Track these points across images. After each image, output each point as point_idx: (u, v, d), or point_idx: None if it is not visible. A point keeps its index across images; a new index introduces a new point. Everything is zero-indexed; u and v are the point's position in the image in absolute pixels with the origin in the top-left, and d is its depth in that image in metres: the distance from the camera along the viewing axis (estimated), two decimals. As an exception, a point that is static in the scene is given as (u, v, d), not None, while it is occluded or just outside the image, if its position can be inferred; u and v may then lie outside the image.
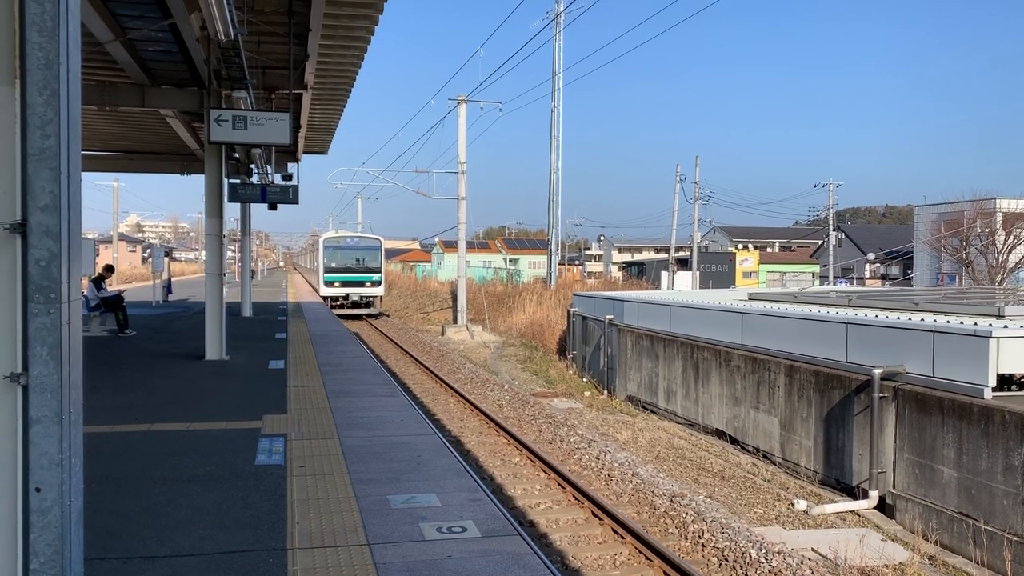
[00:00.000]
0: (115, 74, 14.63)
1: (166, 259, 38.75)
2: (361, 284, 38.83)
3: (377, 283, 39.50)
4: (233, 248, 62.47)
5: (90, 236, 48.03)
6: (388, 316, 42.72)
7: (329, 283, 38.56)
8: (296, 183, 20.74)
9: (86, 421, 3.13)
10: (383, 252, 40.65)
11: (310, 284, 53.49)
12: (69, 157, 2.82)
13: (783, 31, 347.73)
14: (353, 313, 38.31)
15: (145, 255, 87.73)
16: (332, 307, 35.40)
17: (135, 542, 5.20)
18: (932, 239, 49.43)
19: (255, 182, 22.56)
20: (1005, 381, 10.67)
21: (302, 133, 21.80)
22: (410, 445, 7.95)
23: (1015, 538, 9.08)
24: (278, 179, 22.93)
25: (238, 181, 21.50)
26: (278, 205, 20.62)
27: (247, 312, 24.53)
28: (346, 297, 38.45)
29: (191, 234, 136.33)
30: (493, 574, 4.75)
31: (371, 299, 39.48)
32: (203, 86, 13.91)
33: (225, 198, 15.69)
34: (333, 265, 38.78)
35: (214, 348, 14.20)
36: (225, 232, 16.05)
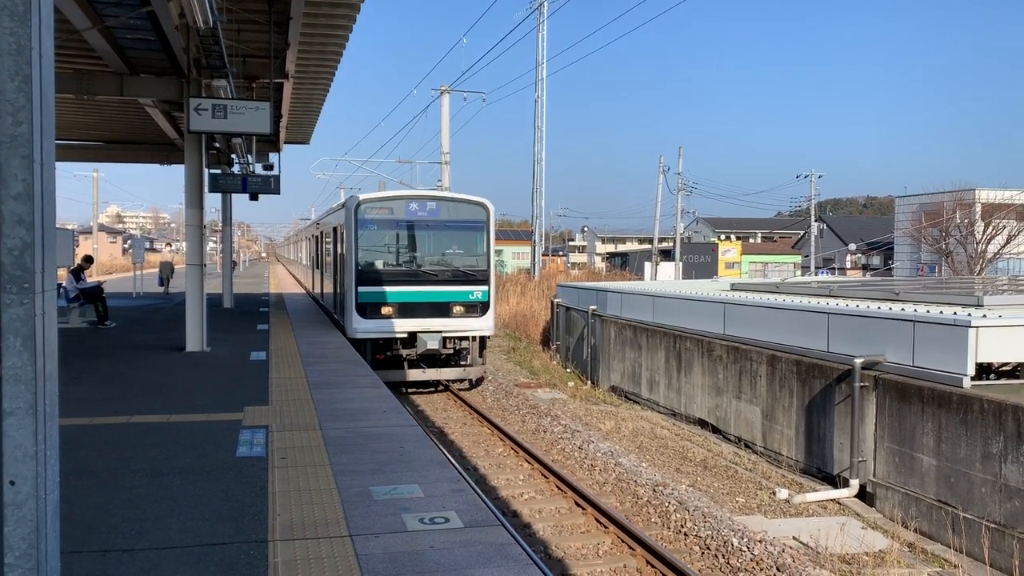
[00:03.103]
0: (93, 62, 14.44)
1: (166, 249, 37.31)
2: (445, 310, 17.06)
3: (480, 306, 17.33)
4: (214, 239, 62.10)
5: (70, 227, 47.50)
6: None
7: (368, 307, 16.78)
8: (278, 173, 20.61)
9: (64, 414, 3.10)
10: (491, 235, 17.80)
11: (316, 301, 27.06)
12: (43, 145, 2.76)
13: (766, 26, 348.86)
14: (426, 379, 17.41)
15: (126, 246, 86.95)
16: (376, 363, 16.33)
17: (114, 535, 5.15)
18: (912, 230, 49.89)
19: (236, 172, 22.40)
20: (984, 370, 10.78)
21: (283, 122, 21.66)
22: (393, 436, 7.93)
23: (993, 525, 9.18)
24: (259, 169, 22.74)
25: (219, 171, 21.32)
26: (260, 195, 20.50)
27: (228, 303, 24.37)
28: (411, 341, 16.90)
29: (172, 225, 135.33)
30: (476, 565, 4.74)
31: (466, 345, 17.63)
32: (183, 75, 13.76)
33: (206, 188, 15.57)
34: (378, 266, 17.14)
35: (195, 340, 14.10)
36: (206, 223, 15.92)
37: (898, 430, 10.75)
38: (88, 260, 20.66)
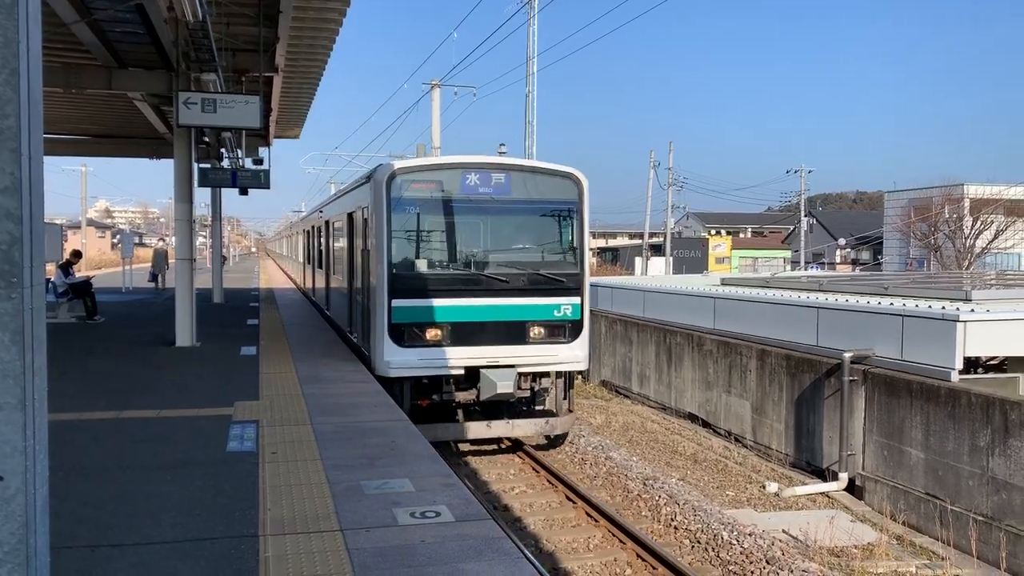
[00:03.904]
0: (81, 56, 14.35)
1: (160, 243, 36.32)
2: (520, 333, 11.65)
3: (570, 327, 11.87)
4: (204, 234, 61.84)
5: (58, 221, 47.13)
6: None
7: (407, 329, 11.38)
8: (267, 168, 20.53)
9: (53, 409, 3.08)
10: (586, 222, 12.21)
11: (320, 311, 20.72)
12: (30, 138, 2.75)
13: (757, 22, 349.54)
14: (493, 436, 11.98)
15: (114, 241, 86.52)
16: (418, 411, 11.24)
17: (103, 530, 5.13)
18: (901, 224, 50.10)
19: (226, 167, 22.30)
20: (971, 364, 10.86)
21: (273, 117, 21.57)
22: (384, 430, 7.92)
23: (980, 518, 9.25)
24: (249, 164, 22.66)
25: (208, 166, 21.24)
26: (249, 190, 20.43)
27: (218, 298, 24.28)
28: (469, 380, 11.54)
29: (161, 220, 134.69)
30: (467, 559, 4.75)
31: (547, 384, 12.10)
32: (172, 68, 13.69)
33: (195, 183, 15.50)
34: (421, 268, 11.74)
35: (185, 334, 14.05)
36: (195, 218, 15.85)
37: (887, 424, 10.81)
38: (76, 255, 20.56)
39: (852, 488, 11.25)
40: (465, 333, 11.37)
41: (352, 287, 13.98)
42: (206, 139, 20.50)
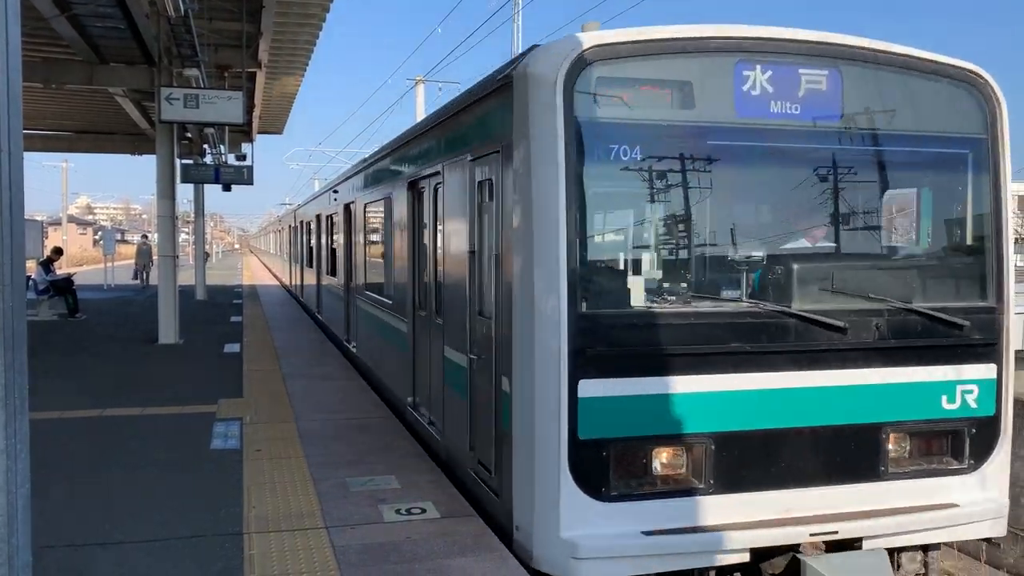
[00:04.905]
0: (61, 51, 14.22)
1: (144, 240, 35.78)
2: (868, 456, 4.93)
3: (975, 431, 5.07)
4: (187, 230, 61.49)
5: (39, 218, 46.67)
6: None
7: (616, 454, 4.52)
8: (251, 163, 20.43)
9: (36, 407, 3.06)
10: (1006, 173, 5.27)
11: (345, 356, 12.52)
12: (10, 134, 2.72)
13: (745, 15, 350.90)
14: None
15: (96, 237, 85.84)
16: None
17: (86, 529, 5.10)
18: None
19: (208, 162, 22.17)
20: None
21: (256, 112, 21.47)
22: (369, 427, 7.91)
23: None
24: (232, 159, 22.54)
25: (191, 162, 21.12)
26: (232, 186, 20.32)
27: (201, 295, 24.14)
28: (752, 569, 4.67)
29: (143, 216, 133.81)
30: (453, 555, 4.75)
31: (913, 567, 5.10)
32: (153, 64, 13.60)
33: (178, 179, 15.40)
34: (641, 299, 4.72)
35: (168, 331, 13.97)
36: (178, 214, 15.76)
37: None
38: (58, 252, 20.41)
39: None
40: (752, 459, 4.91)
41: (418, 326, 7.69)
42: (188, 135, 20.40)
